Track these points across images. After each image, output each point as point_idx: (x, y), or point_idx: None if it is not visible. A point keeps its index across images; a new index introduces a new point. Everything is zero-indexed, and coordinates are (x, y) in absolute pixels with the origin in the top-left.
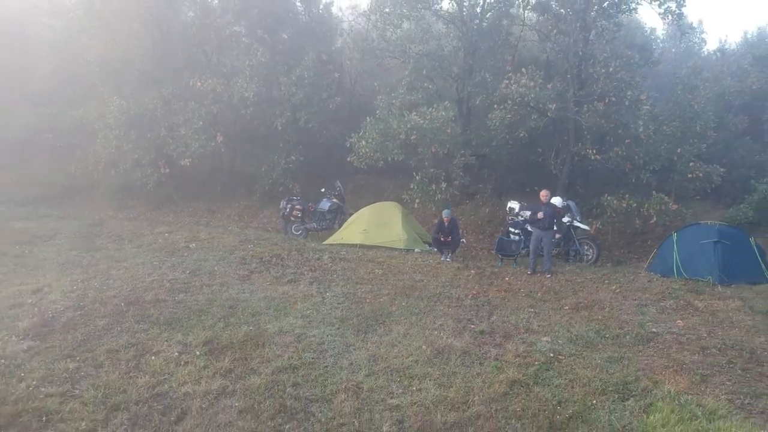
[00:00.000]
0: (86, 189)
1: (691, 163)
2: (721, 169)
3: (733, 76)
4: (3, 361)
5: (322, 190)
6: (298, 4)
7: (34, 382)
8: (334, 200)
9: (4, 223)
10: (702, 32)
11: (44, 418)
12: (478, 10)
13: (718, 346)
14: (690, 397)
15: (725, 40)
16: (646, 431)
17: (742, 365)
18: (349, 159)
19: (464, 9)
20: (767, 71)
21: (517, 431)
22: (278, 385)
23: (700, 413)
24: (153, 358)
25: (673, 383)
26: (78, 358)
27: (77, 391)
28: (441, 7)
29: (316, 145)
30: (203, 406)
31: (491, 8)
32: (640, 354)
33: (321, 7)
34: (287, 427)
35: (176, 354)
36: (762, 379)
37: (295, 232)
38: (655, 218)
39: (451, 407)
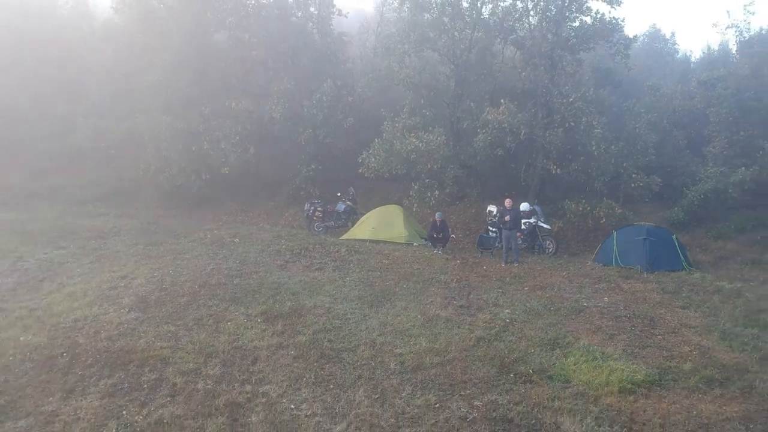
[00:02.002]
0: (134, 191)
1: (634, 175)
2: (659, 180)
3: (683, 95)
4: (125, 325)
5: (338, 194)
6: (315, 32)
7: (150, 339)
8: (348, 203)
9: (73, 221)
10: (674, 43)
11: (165, 361)
12: (467, 43)
13: (629, 315)
14: (597, 347)
15: (690, 53)
16: (563, 367)
17: (641, 328)
18: (360, 171)
19: (455, 44)
20: (708, 95)
21: (478, 368)
22: (318, 341)
23: (599, 356)
24: (228, 323)
25: (588, 339)
26: (174, 324)
27: (180, 345)
28: (436, 44)
29: (331, 156)
30: (268, 354)
31: (477, 44)
32: (572, 321)
33: (334, 36)
34: (327, 366)
35: (244, 320)
36: (652, 337)
37: (317, 229)
38: (604, 219)
39: (436, 354)
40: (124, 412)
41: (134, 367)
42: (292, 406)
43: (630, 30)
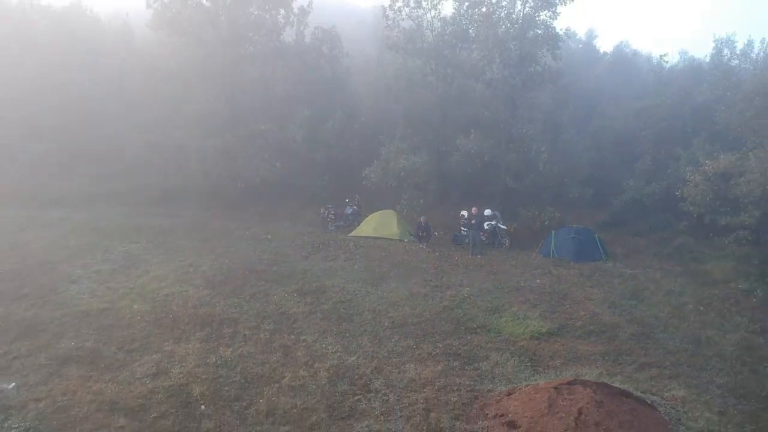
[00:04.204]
0: (179, 195)
1: (573, 188)
2: (590, 191)
3: (623, 120)
4: (203, 298)
5: (346, 200)
6: (327, 68)
7: (223, 307)
8: (355, 207)
9: (136, 220)
10: (637, 59)
11: (236, 321)
12: (448, 82)
13: (550, 292)
14: (522, 312)
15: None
16: (497, 324)
17: (557, 300)
18: (363, 183)
19: (438, 83)
20: (641, 122)
21: (442, 325)
22: (336, 308)
23: (522, 317)
24: (273, 297)
25: (518, 307)
26: (237, 297)
27: (244, 311)
28: (423, 82)
29: (341, 169)
30: (303, 316)
31: (455, 81)
32: (511, 295)
33: (343, 71)
34: (343, 324)
35: (284, 295)
36: (562, 306)
37: (330, 228)
38: (547, 222)
39: (416, 316)
40: (220, 349)
41: (216, 324)
42: (323, 346)
43: (604, 44)
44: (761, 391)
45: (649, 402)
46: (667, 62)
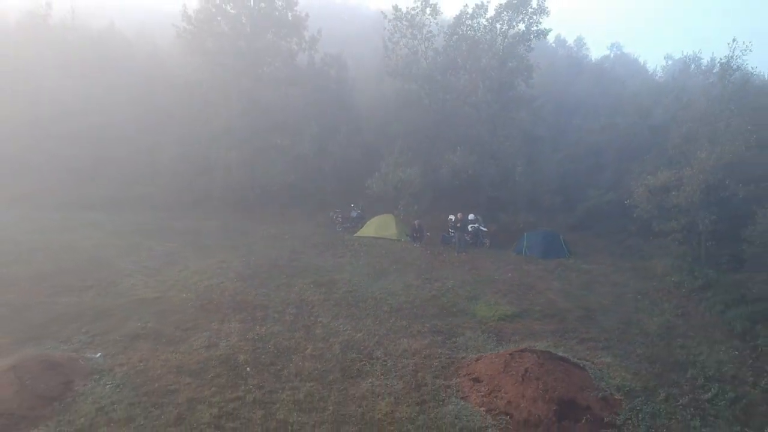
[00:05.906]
0: (203, 200)
1: (546, 196)
2: (559, 199)
3: (597, 132)
4: (237, 288)
5: (351, 205)
6: (335, 88)
7: (254, 296)
8: (359, 211)
9: (168, 222)
10: (613, 68)
11: (266, 306)
12: (439, 104)
13: (518, 284)
14: (494, 300)
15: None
16: (473, 309)
17: (523, 290)
18: (366, 191)
19: (430, 104)
20: (607, 136)
21: (430, 309)
22: (346, 297)
23: (493, 304)
24: (294, 287)
25: (491, 296)
26: (265, 288)
27: (271, 298)
28: (419, 104)
29: (346, 177)
30: (319, 303)
31: (447, 104)
32: (486, 286)
33: (348, 90)
34: (351, 309)
35: (303, 286)
36: (526, 295)
37: (338, 229)
38: (522, 225)
39: (409, 303)
40: (256, 328)
41: (250, 309)
42: (336, 326)
43: (597, 45)
44: (669, 358)
45: (581, 366)
46: (644, 73)
